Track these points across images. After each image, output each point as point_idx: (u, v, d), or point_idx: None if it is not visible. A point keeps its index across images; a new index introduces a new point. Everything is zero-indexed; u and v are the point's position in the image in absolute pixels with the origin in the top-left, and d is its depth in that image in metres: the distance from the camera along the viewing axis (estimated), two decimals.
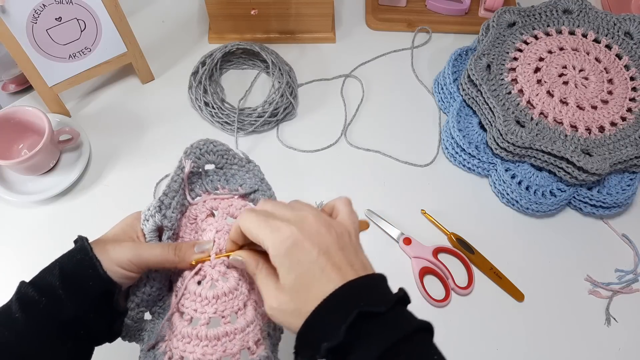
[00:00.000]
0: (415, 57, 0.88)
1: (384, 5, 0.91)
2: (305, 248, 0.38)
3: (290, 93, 0.80)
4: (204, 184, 0.50)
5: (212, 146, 0.49)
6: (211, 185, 0.50)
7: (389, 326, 0.36)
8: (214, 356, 0.40)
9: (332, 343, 0.35)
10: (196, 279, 0.44)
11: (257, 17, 0.82)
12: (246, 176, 0.50)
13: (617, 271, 0.70)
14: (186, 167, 0.48)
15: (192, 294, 0.43)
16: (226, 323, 0.42)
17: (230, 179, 0.50)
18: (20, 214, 0.73)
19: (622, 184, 0.72)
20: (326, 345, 0.35)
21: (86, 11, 0.72)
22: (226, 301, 0.42)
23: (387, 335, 0.35)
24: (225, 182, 0.50)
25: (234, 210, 0.48)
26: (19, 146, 0.74)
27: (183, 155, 0.48)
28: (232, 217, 0.49)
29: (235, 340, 0.41)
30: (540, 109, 0.72)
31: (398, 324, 0.37)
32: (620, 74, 0.76)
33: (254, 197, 0.50)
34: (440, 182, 0.76)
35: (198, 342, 0.41)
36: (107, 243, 0.44)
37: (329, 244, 0.39)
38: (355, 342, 0.35)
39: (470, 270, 0.69)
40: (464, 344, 0.65)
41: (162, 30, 0.90)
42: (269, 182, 0.51)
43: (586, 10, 0.81)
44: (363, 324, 0.36)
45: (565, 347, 0.65)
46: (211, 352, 0.40)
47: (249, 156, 0.52)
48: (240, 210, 0.48)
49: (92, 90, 0.83)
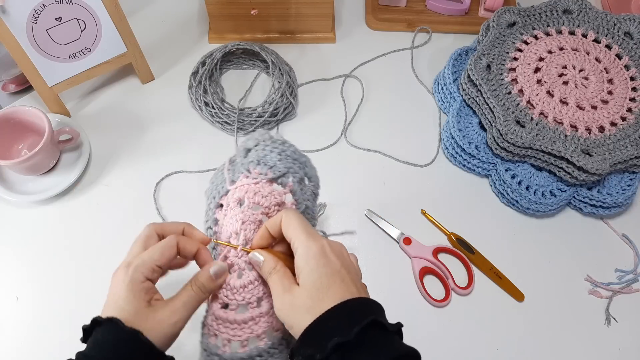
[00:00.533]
0: (415, 57, 0.88)
1: (384, 5, 0.91)
2: (331, 258, 0.43)
3: (290, 93, 0.80)
4: (240, 166, 0.50)
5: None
6: (243, 167, 0.50)
7: (395, 342, 0.40)
8: (242, 337, 0.45)
9: (342, 339, 0.38)
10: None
11: (257, 17, 0.82)
12: (277, 158, 0.50)
13: (617, 271, 0.70)
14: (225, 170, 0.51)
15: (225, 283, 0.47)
16: (252, 308, 0.46)
17: (261, 160, 0.50)
18: (20, 214, 0.73)
19: (622, 184, 0.72)
20: (336, 340, 0.37)
21: (86, 11, 0.72)
22: (252, 289, 0.46)
23: (394, 348, 0.39)
24: (257, 163, 0.50)
25: (260, 198, 0.49)
26: (19, 146, 0.74)
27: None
28: (258, 204, 0.49)
29: (261, 322, 0.46)
30: (540, 109, 0.72)
31: (402, 344, 0.41)
32: (620, 74, 0.76)
33: (282, 180, 0.50)
34: (440, 182, 0.76)
35: (228, 325, 0.45)
36: (146, 331, 0.42)
37: (349, 264, 0.44)
38: (362, 346, 0.38)
39: (470, 270, 0.69)
40: (464, 344, 0.65)
41: (162, 30, 0.90)
42: (308, 162, 0.53)
43: (586, 10, 0.81)
44: (374, 332, 0.39)
45: (565, 347, 0.65)
46: (240, 334, 0.45)
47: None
48: (267, 198, 0.49)
49: (92, 90, 0.83)
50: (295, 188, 0.51)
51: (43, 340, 0.64)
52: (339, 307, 0.40)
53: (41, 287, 0.68)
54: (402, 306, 0.67)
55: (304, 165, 0.52)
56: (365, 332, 0.38)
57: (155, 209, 0.72)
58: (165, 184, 0.75)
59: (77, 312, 0.66)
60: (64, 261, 0.69)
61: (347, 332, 0.38)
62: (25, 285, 0.68)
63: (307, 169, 0.53)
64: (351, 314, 0.40)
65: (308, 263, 0.42)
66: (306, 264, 0.42)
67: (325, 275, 0.42)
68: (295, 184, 0.51)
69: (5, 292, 0.68)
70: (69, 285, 0.68)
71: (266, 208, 0.48)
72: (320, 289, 0.41)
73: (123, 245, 0.70)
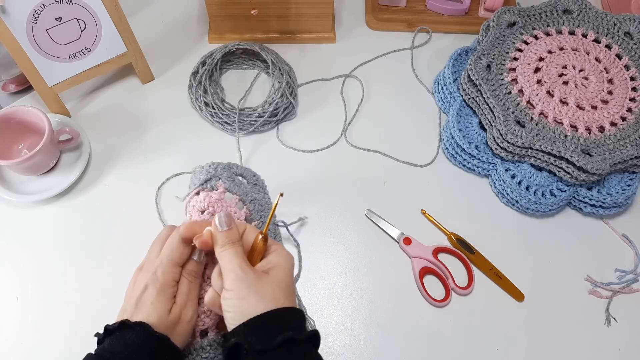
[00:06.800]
0: (415, 57, 0.88)
1: (384, 5, 0.91)
2: (292, 273, 0.49)
3: (290, 93, 0.80)
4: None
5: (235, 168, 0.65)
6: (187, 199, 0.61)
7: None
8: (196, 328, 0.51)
9: (295, 335, 0.42)
10: None
11: (257, 17, 0.82)
12: (199, 174, 0.61)
13: (617, 271, 0.70)
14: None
15: None
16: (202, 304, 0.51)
17: (190, 185, 0.62)
18: (20, 214, 0.73)
19: (622, 184, 0.72)
20: (290, 334, 0.42)
21: (86, 11, 0.72)
22: (204, 286, 0.52)
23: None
24: (189, 188, 0.62)
25: (198, 203, 0.58)
26: (19, 146, 0.74)
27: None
28: (200, 210, 0.57)
29: (212, 315, 0.51)
30: (540, 109, 0.72)
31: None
32: (620, 74, 0.76)
33: (212, 185, 0.60)
34: (440, 182, 0.76)
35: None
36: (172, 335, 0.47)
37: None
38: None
39: (470, 270, 0.69)
40: (464, 344, 0.65)
41: (162, 30, 0.90)
42: (235, 165, 0.65)
43: (586, 10, 0.81)
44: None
45: (565, 347, 0.65)
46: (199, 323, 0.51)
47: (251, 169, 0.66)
48: (205, 201, 0.58)
49: (92, 90, 0.83)
50: (229, 186, 0.60)
51: (43, 340, 0.64)
52: (293, 310, 0.45)
53: (41, 287, 0.68)
54: (402, 306, 0.67)
55: (229, 167, 0.63)
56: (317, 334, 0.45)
57: (157, 213, 0.72)
58: (165, 185, 0.75)
59: (77, 312, 0.66)
60: (64, 261, 0.69)
61: (301, 329, 0.44)
62: (25, 285, 0.68)
63: (235, 169, 0.64)
64: (300, 318, 0.45)
65: (286, 265, 0.47)
66: (284, 264, 0.47)
67: (289, 284, 0.47)
68: (228, 183, 0.60)
69: (5, 292, 0.68)
70: (69, 285, 0.68)
71: (210, 207, 0.57)
72: (285, 288, 0.46)
73: (123, 245, 0.70)
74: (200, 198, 0.58)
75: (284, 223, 0.69)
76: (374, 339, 0.65)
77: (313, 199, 0.74)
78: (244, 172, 0.66)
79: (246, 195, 0.62)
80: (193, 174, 0.62)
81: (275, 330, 0.42)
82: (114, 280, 0.57)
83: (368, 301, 0.67)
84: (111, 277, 0.67)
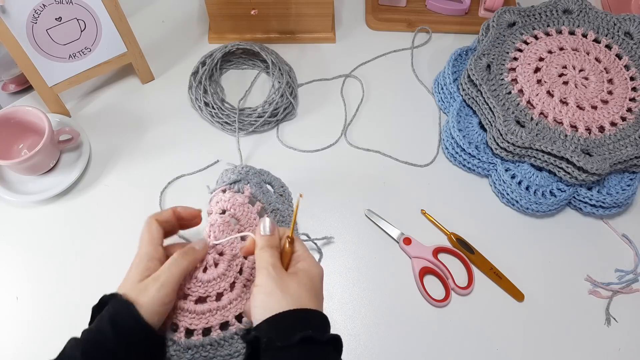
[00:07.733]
0: (415, 57, 0.88)
1: (384, 5, 0.91)
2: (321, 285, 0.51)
3: (290, 93, 0.80)
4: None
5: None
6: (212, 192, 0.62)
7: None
8: (198, 326, 0.52)
9: (317, 335, 0.43)
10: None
11: (257, 17, 0.82)
12: (230, 173, 0.63)
13: (617, 271, 0.70)
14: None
15: (191, 277, 0.53)
16: (211, 301, 0.53)
17: (219, 180, 0.64)
18: (20, 214, 0.73)
19: (622, 184, 0.72)
20: (309, 333, 0.42)
21: (86, 11, 0.72)
22: (214, 284, 0.53)
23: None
24: (216, 183, 0.63)
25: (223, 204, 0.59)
26: (19, 146, 0.74)
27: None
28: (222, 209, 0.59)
29: (217, 315, 0.52)
30: (540, 109, 0.72)
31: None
32: (620, 74, 0.76)
33: (239, 187, 0.62)
34: (440, 182, 0.76)
35: (187, 314, 0.51)
36: (139, 298, 0.48)
37: None
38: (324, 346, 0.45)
39: (470, 270, 0.69)
40: (464, 344, 0.65)
41: (162, 30, 0.90)
42: (267, 172, 0.68)
43: (586, 10, 0.81)
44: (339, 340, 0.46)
45: (565, 347, 0.65)
46: (197, 323, 0.52)
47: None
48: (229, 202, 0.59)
49: (92, 90, 0.83)
50: (255, 192, 0.62)
51: (43, 340, 0.64)
52: (317, 313, 0.46)
53: (41, 287, 0.68)
54: (402, 306, 0.67)
55: (260, 174, 0.66)
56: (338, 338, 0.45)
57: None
58: (168, 189, 0.75)
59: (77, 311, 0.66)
60: (64, 261, 0.69)
61: (324, 331, 0.45)
62: (25, 285, 0.68)
63: (265, 177, 0.67)
64: (323, 321, 0.46)
65: (313, 271, 0.49)
66: (311, 270, 0.49)
67: (316, 289, 0.49)
68: (255, 189, 0.62)
69: (5, 292, 0.68)
70: (69, 285, 0.68)
71: (232, 209, 0.58)
72: (311, 290, 0.47)
73: (123, 245, 0.70)
74: (226, 197, 0.59)
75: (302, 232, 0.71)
76: (374, 339, 0.65)
77: (313, 199, 0.74)
78: (272, 181, 0.68)
79: (269, 204, 0.64)
80: (224, 171, 0.65)
81: (296, 328, 0.43)
82: (114, 280, 0.56)
83: (368, 301, 0.67)
84: (111, 276, 0.67)
